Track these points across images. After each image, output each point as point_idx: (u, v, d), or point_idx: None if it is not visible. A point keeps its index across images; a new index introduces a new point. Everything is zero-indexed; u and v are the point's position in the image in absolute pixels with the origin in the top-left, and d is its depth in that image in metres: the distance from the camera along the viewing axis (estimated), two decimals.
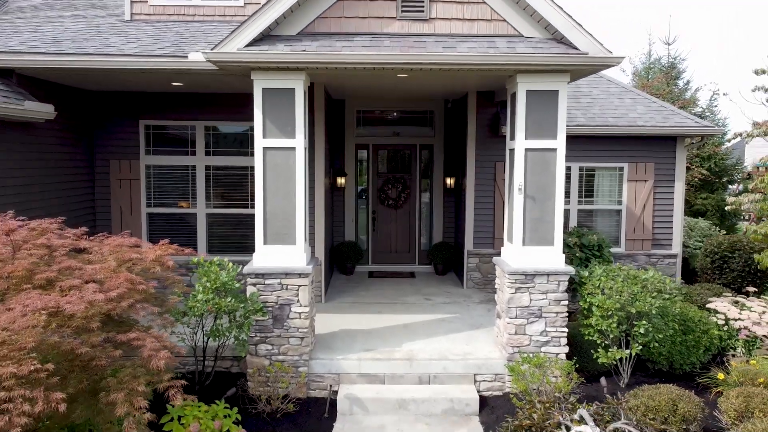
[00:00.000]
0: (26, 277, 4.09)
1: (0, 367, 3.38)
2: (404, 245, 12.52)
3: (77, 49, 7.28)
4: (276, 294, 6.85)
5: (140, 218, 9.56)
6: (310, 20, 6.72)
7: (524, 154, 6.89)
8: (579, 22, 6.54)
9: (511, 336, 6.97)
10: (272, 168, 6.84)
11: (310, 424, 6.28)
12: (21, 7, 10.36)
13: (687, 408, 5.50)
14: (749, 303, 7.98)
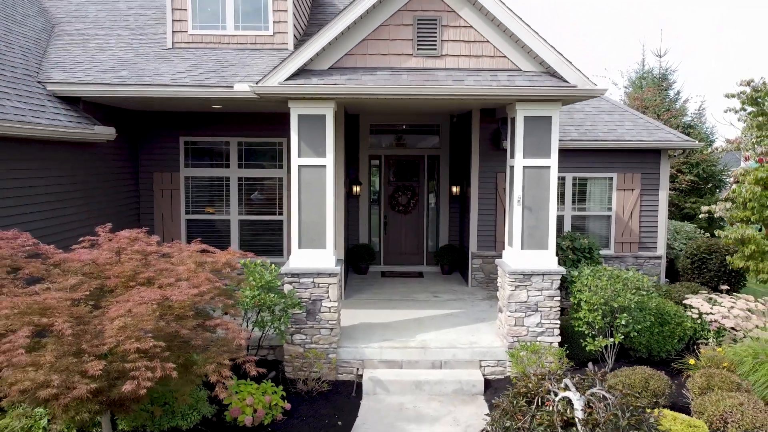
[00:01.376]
0: (131, 276, 5.22)
1: (127, 344, 4.52)
2: (413, 247, 13.65)
3: (136, 80, 8.42)
4: (309, 291, 7.97)
5: (180, 224, 10.70)
6: (339, 57, 7.85)
7: (522, 171, 8.02)
8: (569, 59, 7.66)
9: (511, 327, 8.10)
10: (306, 183, 7.97)
11: (340, 401, 7.40)
12: (68, 33, 11.49)
13: (657, 384, 6.64)
14: (720, 299, 9.11)
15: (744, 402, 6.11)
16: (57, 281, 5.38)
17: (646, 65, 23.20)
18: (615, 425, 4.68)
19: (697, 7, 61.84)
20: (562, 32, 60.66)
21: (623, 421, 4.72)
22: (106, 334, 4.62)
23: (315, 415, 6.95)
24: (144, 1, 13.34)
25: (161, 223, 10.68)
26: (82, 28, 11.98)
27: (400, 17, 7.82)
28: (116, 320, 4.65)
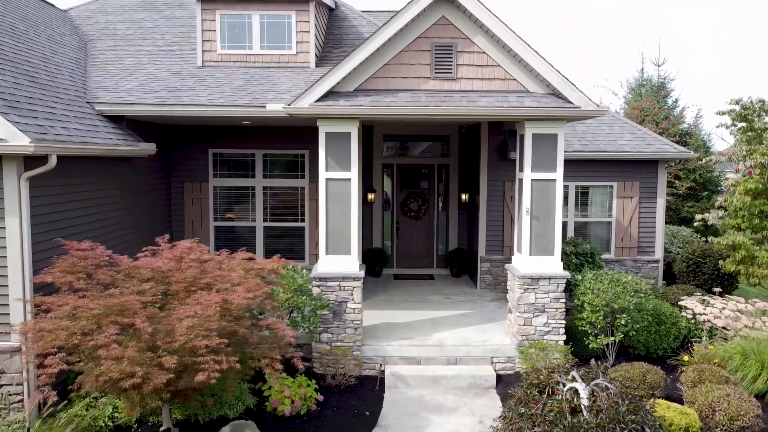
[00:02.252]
0: (192, 282, 5.96)
1: (196, 341, 5.26)
2: (423, 251, 14.39)
3: (176, 100, 9.18)
4: (335, 294, 8.71)
5: (209, 230, 11.45)
6: (364, 80, 8.59)
7: (530, 183, 8.77)
8: (573, 82, 8.41)
9: (520, 327, 8.85)
10: (332, 195, 8.72)
11: (365, 394, 8.14)
12: (101, 50, 12.24)
13: (653, 378, 7.39)
14: (713, 301, 9.85)
15: (731, 393, 6.85)
16: (126, 286, 6.13)
17: (645, 73, 23.97)
18: (616, 411, 5.42)
19: (695, 6, 62.58)
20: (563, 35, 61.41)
21: (623, 407, 5.46)
22: (176, 333, 5.37)
23: (344, 406, 7.69)
24: (168, 19, 14.09)
25: (191, 229, 11.43)
26: (113, 45, 12.73)
27: (419, 44, 8.57)
28: (184, 320, 5.40)
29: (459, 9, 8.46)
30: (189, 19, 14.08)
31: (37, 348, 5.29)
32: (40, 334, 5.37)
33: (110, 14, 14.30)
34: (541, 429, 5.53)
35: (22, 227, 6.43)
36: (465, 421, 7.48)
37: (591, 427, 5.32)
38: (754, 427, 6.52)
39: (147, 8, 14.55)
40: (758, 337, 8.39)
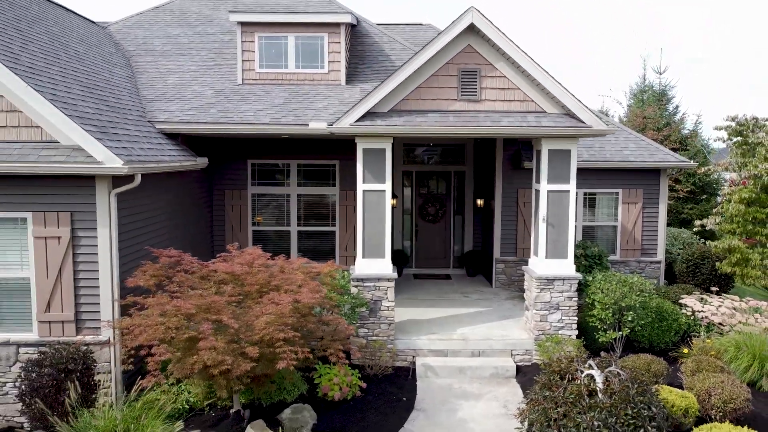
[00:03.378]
0: (264, 284, 6.96)
1: (275, 334, 6.26)
2: (441, 252, 15.40)
3: (227, 119, 10.17)
4: (371, 293, 9.71)
5: (247, 234, 12.44)
6: (397, 101, 9.57)
7: (546, 194, 9.76)
8: (585, 104, 9.40)
9: (537, 323, 9.85)
10: (368, 204, 9.71)
11: (400, 382, 9.14)
12: (143, 66, 13.21)
13: (657, 368, 8.39)
14: (710, 299, 10.85)
15: (725, 380, 7.85)
16: (203, 287, 7.14)
17: (647, 80, 24.96)
18: (627, 393, 6.43)
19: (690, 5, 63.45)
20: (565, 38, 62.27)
21: (632, 390, 6.47)
22: (256, 327, 6.37)
23: (384, 392, 8.70)
24: (201, 35, 15.06)
25: (231, 233, 12.43)
26: (153, 62, 13.71)
27: (447, 69, 9.55)
28: (262, 317, 6.41)
29: (483, 38, 9.43)
30: (221, 35, 15.06)
31: (140, 340, 6.28)
32: (140, 328, 6.37)
33: (147, 30, 15.26)
34: (563, 409, 6.53)
35: (111, 237, 7.42)
36: (491, 406, 8.49)
37: (606, 407, 6.33)
38: (744, 409, 7.52)
39: (181, 24, 15.50)
40: (750, 332, 9.39)
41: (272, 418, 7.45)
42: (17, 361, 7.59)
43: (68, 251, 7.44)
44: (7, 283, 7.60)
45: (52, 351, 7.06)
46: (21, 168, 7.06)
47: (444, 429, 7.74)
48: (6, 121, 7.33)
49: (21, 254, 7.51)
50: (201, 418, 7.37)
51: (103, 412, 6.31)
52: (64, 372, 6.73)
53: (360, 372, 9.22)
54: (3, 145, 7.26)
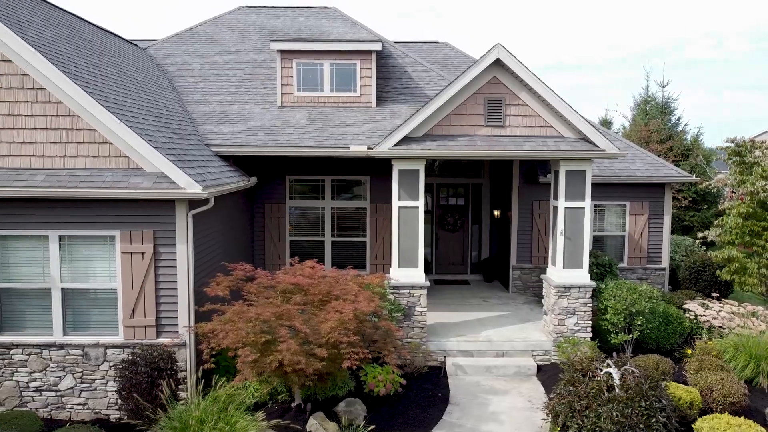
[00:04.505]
0: (325, 294, 8.03)
1: (340, 337, 7.33)
2: (459, 259, 16.48)
3: (274, 142, 11.25)
4: (406, 300, 10.78)
5: (285, 244, 13.52)
6: (430, 127, 10.64)
7: (564, 211, 10.83)
8: (599, 129, 10.47)
9: (555, 326, 10.93)
10: (404, 219, 10.78)
11: (434, 380, 10.21)
12: (185, 88, 14.29)
13: (664, 366, 9.47)
14: (711, 304, 11.92)
15: (724, 378, 8.92)
16: (267, 296, 8.20)
17: (650, 90, 26.05)
18: (640, 388, 7.50)
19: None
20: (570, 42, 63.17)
21: (645, 385, 7.54)
22: (322, 332, 7.45)
23: (421, 389, 9.77)
24: (235, 57, 16.14)
25: (270, 243, 13.51)
26: (194, 83, 14.80)
27: (474, 98, 10.63)
28: (327, 322, 7.48)
29: (507, 71, 10.51)
30: (254, 56, 16.15)
31: (226, 342, 7.34)
32: (224, 332, 7.44)
33: (184, 51, 16.34)
34: (585, 402, 7.61)
35: (188, 252, 8.50)
36: (517, 400, 9.57)
37: (623, 400, 7.40)
38: (742, 402, 8.60)
39: (215, 46, 16.59)
40: (748, 334, 10.46)
41: (328, 410, 8.53)
42: (105, 360, 8.67)
43: (151, 265, 8.52)
44: (96, 293, 8.68)
45: (142, 352, 8.14)
46: (114, 193, 8.13)
47: (478, 420, 8.81)
48: (98, 152, 8.41)
49: (109, 267, 8.59)
50: (267, 410, 8.43)
51: (194, 405, 7.38)
52: (157, 370, 7.81)
53: (398, 371, 10.30)
54: (96, 172, 8.34)
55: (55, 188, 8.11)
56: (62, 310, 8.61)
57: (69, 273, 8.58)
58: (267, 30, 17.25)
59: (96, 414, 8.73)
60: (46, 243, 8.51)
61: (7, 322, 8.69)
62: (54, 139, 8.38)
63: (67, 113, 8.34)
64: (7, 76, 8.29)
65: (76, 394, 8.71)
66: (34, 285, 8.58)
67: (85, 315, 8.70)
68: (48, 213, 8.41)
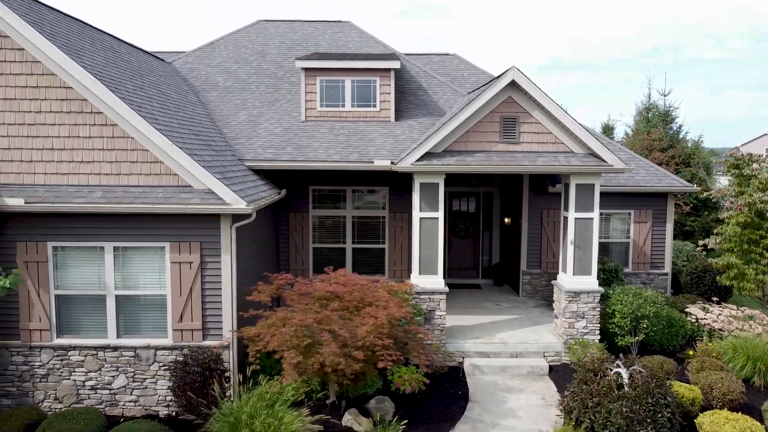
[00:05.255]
0: (359, 300, 8.80)
1: (376, 341, 8.10)
2: (470, 264, 17.25)
3: (303, 157, 12.03)
4: (426, 304, 11.55)
5: (308, 251, 14.30)
6: (449, 144, 11.40)
7: (574, 221, 11.60)
8: (606, 146, 11.23)
9: (566, 329, 11.69)
10: (424, 229, 11.55)
11: (454, 379, 10.97)
12: (212, 102, 15.05)
13: (668, 367, 10.24)
14: (712, 308, 12.69)
15: (724, 377, 9.69)
16: (304, 302, 8.97)
17: (652, 98, 26.84)
18: (647, 386, 8.27)
19: None
20: None
21: (652, 384, 8.31)
22: (359, 336, 8.22)
23: (443, 387, 10.54)
24: (257, 70, 16.92)
25: (294, 249, 14.28)
26: (219, 97, 15.58)
27: (491, 117, 11.39)
28: (363, 327, 8.25)
29: (521, 91, 11.28)
30: (274, 70, 16.93)
31: (272, 345, 8.10)
32: (269, 336, 8.21)
33: (207, 65, 17.11)
34: (597, 399, 8.38)
35: (232, 261, 9.27)
36: (532, 398, 10.34)
37: (632, 397, 8.17)
38: (739, 400, 9.38)
39: (237, 60, 17.36)
40: (745, 336, 11.23)
41: (360, 406, 9.30)
42: (155, 361, 9.45)
43: (197, 273, 9.29)
44: (146, 299, 9.45)
45: (192, 353, 8.91)
46: (166, 208, 8.90)
47: (497, 416, 9.59)
48: (150, 170, 9.18)
49: (159, 276, 9.36)
50: (304, 407, 9.20)
51: (243, 401, 8.15)
52: (208, 370, 8.59)
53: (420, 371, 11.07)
54: (149, 189, 9.12)
55: (112, 204, 8.88)
56: (116, 315, 9.39)
57: (122, 281, 9.36)
58: (286, 44, 18.02)
59: (146, 410, 9.50)
60: (102, 253, 9.29)
61: (64, 326, 9.46)
62: (110, 159, 9.15)
63: (122, 135, 9.11)
64: (68, 102, 9.06)
65: (128, 392, 9.48)
66: (90, 292, 9.35)
67: (137, 319, 9.47)
68: (104, 226, 9.18)
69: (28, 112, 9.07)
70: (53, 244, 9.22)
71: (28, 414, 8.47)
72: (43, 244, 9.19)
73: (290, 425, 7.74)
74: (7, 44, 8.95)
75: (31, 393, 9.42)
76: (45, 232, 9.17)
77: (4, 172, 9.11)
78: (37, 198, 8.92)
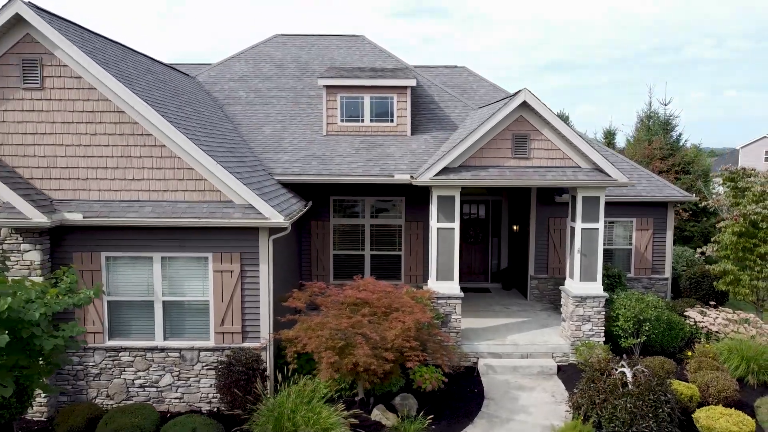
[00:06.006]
0: (387, 306, 9.67)
1: (404, 343, 8.97)
2: (480, 269, 18.12)
3: (328, 172, 12.91)
4: (443, 308, 12.42)
5: (329, 257, 15.17)
6: (465, 159, 12.27)
7: (581, 231, 12.47)
8: (610, 161, 12.10)
9: (573, 331, 12.56)
10: (441, 239, 12.42)
11: (469, 377, 11.84)
12: (235, 116, 15.91)
13: (669, 366, 11.11)
14: (709, 312, 13.56)
15: (719, 376, 10.56)
16: (335, 308, 9.84)
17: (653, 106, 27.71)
18: (649, 384, 9.13)
19: None
20: None
21: (653, 382, 9.18)
22: (388, 338, 9.09)
23: (459, 386, 11.41)
24: (276, 84, 17.78)
25: (316, 256, 15.15)
26: (242, 111, 16.44)
27: (504, 134, 12.26)
28: (392, 330, 9.12)
29: (532, 111, 12.15)
30: (293, 84, 17.80)
31: (310, 347, 8.97)
32: (306, 338, 9.08)
33: (229, 80, 17.99)
34: (603, 396, 9.25)
35: (269, 270, 10.14)
36: (542, 395, 11.21)
37: (635, 394, 9.04)
38: (733, 397, 10.25)
39: (257, 74, 18.24)
40: (740, 338, 12.09)
41: (386, 403, 10.18)
42: (198, 361, 10.32)
43: (238, 281, 10.16)
44: (190, 305, 10.32)
45: (234, 354, 9.79)
46: (211, 222, 9.78)
47: (512, 412, 10.46)
48: (195, 187, 10.05)
49: (203, 283, 10.23)
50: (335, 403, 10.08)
51: (283, 397, 9.02)
52: (251, 369, 9.47)
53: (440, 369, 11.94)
54: (195, 204, 9.99)
55: (162, 218, 9.76)
56: (163, 319, 10.26)
57: (169, 288, 10.23)
58: (303, 58, 18.90)
59: (190, 407, 10.37)
60: (151, 263, 10.16)
61: (115, 329, 10.33)
62: (158, 177, 10.03)
63: (170, 155, 9.99)
64: (121, 125, 9.94)
65: (174, 389, 10.36)
66: (140, 298, 10.22)
67: (182, 323, 10.35)
68: (153, 238, 10.05)
69: (85, 134, 9.94)
70: (106, 254, 10.10)
71: (88, 409, 9.35)
72: (97, 254, 10.07)
73: (328, 419, 8.61)
74: (66, 72, 9.83)
75: (85, 390, 10.30)
76: (99, 244, 10.05)
77: (63, 188, 9.99)
78: (94, 213, 9.80)
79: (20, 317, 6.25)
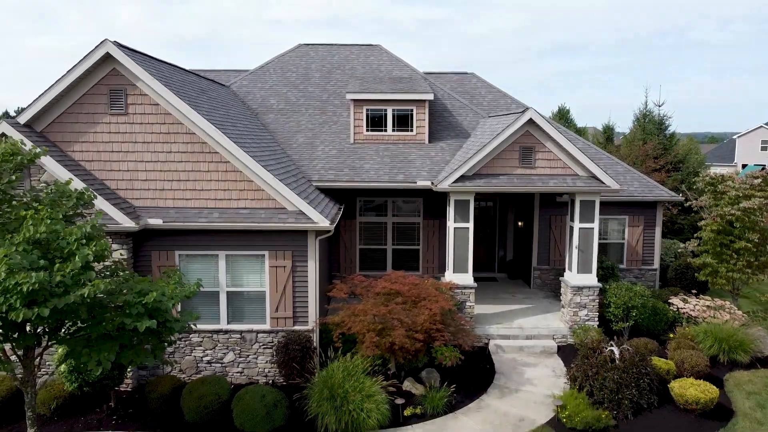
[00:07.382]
0: (416, 296, 11.62)
1: (430, 326, 10.94)
2: (488, 260, 20.08)
3: (359, 178, 14.81)
4: (459, 297, 14.37)
5: (355, 251, 17.12)
6: (478, 169, 14.16)
7: (578, 230, 14.41)
8: (604, 169, 13.99)
9: (571, 317, 14.54)
10: (457, 236, 14.35)
11: (481, 356, 13.80)
12: (269, 124, 17.76)
13: (651, 346, 13.11)
14: (690, 299, 15.52)
15: (693, 354, 12.54)
16: (371, 297, 11.80)
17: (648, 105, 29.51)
18: (633, 360, 11.11)
19: None
20: None
21: (636, 358, 11.16)
22: (418, 322, 11.06)
23: (474, 362, 13.40)
24: (304, 93, 19.59)
25: (344, 250, 17.11)
26: (275, 119, 18.28)
27: (512, 147, 14.15)
28: (421, 316, 11.10)
29: (537, 127, 14.02)
30: (319, 93, 19.61)
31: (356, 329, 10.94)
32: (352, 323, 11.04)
33: (260, 89, 19.80)
34: (595, 369, 11.24)
35: (316, 266, 12.09)
36: (544, 371, 13.21)
37: (621, 368, 11.02)
38: (705, 371, 12.25)
39: (285, 83, 20.04)
40: (716, 323, 14.06)
41: (414, 376, 12.18)
42: (256, 342, 12.30)
43: (290, 275, 12.11)
44: (250, 294, 12.28)
45: (288, 335, 11.77)
46: (268, 226, 11.71)
47: (519, 384, 12.47)
48: (254, 196, 11.97)
49: (260, 276, 12.18)
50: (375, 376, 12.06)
51: (333, 370, 11.00)
52: (305, 348, 11.46)
53: None
54: (254, 211, 11.92)
55: (227, 222, 11.69)
56: (227, 306, 12.23)
57: (232, 280, 12.19)
58: (326, 68, 20.71)
59: (249, 379, 12.38)
60: (216, 260, 12.11)
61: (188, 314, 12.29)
62: (223, 188, 11.94)
63: (233, 169, 11.90)
64: (191, 144, 11.84)
65: (236, 365, 12.36)
66: (207, 289, 12.17)
67: (242, 310, 12.32)
68: (219, 239, 11.99)
69: (162, 152, 11.84)
70: (179, 252, 12.04)
71: (171, 380, 11.34)
72: (172, 252, 12.02)
73: (371, 387, 10.60)
74: (146, 100, 11.71)
75: (161, 366, 12.29)
76: (174, 243, 11.99)
77: (143, 198, 11.91)
78: (170, 218, 11.73)
79: (159, 307, 8.16)
